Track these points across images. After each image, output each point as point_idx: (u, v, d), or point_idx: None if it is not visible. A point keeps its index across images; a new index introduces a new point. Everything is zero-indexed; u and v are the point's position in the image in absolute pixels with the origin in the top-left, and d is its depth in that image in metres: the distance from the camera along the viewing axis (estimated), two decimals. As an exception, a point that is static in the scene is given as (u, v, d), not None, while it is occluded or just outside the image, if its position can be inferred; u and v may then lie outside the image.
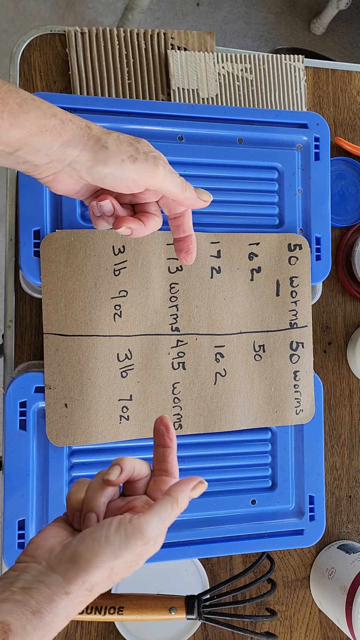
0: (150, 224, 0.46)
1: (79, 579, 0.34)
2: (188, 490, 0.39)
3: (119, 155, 0.42)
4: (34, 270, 0.57)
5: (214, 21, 1.65)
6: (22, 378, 0.57)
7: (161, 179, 0.43)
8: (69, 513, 0.40)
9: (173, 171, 0.45)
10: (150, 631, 0.62)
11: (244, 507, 0.61)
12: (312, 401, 0.63)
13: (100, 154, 0.41)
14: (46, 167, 0.42)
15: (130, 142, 0.43)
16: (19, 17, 1.48)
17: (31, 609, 0.32)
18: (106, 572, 0.35)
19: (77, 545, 0.35)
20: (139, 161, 0.42)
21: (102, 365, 0.57)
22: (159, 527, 0.37)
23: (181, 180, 0.45)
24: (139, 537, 0.35)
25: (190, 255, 0.50)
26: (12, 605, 0.32)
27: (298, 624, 0.69)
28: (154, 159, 0.43)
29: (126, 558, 0.35)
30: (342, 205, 0.72)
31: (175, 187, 0.45)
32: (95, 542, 0.35)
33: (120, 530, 0.35)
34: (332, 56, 1.71)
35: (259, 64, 0.68)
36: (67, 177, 0.43)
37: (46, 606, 0.33)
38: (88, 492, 0.40)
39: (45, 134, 0.40)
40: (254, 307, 0.62)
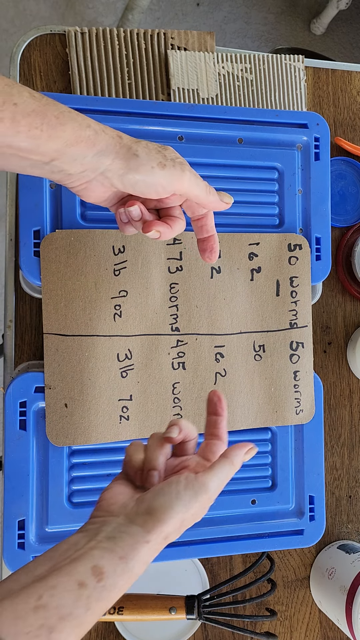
0: (175, 227, 0.48)
1: (156, 529, 0.38)
2: (242, 453, 0.44)
3: (149, 163, 0.44)
4: (34, 270, 0.57)
5: (214, 21, 1.65)
6: (22, 378, 0.57)
7: (187, 184, 0.46)
8: (130, 472, 0.44)
9: (197, 176, 0.47)
10: (150, 631, 0.62)
11: (244, 507, 0.61)
12: (312, 401, 0.63)
13: (132, 162, 0.43)
14: (79, 175, 0.43)
15: (158, 149, 0.45)
16: (19, 17, 1.48)
17: (118, 555, 0.36)
18: (178, 523, 0.39)
19: (151, 500, 0.40)
20: (168, 167, 0.44)
21: (102, 365, 0.57)
22: (219, 484, 0.42)
23: (205, 184, 0.48)
24: (204, 492, 0.41)
25: (214, 254, 0.52)
26: (102, 552, 0.36)
27: (298, 624, 0.69)
28: (180, 165, 0.45)
29: (194, 510, 0.40)
30: (342, 205, 0.72)
31: (200, 191, 0.47)
32: (168, 497, 0.40)
33: (189, 486, 0.40)
34: (332, 56, 1.71)
35: (259, 64, 0.68)
36: (98, 185, 0.45)
37: (130, 553, 0.37)
38: (148, 453, 0.44)
39: (81, 144, 0.42)
40: (254, 307, 0.62)
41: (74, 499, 0.58)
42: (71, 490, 0.58)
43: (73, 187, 0.45)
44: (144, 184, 0.44)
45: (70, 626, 0.33)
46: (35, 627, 0.31)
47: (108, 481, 0.58)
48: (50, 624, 0.32)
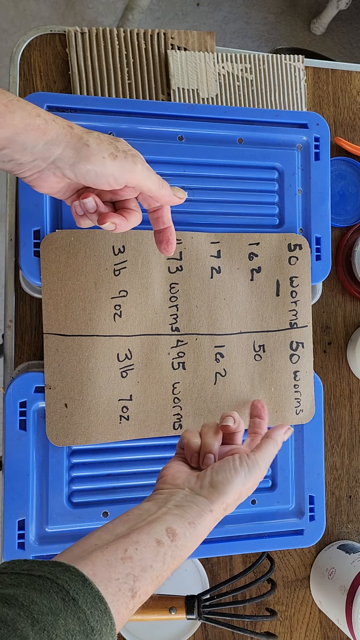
0: (131, 219, 0.49)
1: (219, 500, 0.44)
2: (282, 433, 0.51)
3: (100, 153, 0.44)
4: (34, 270, 0.57)
5: (214, 21, 1.65)
6: (22, 378, 0.57)
7: (139, 176, 0.46)
8: (187, 454, 0.49)
9: (150, 169, 0.48)
10: (150, 631, 0.62)
11: (244, 507, 0.61)
12: (312, 401, 0.63)
13: (83, 151, 0.44)
14: (30, 165, 0.44)
15: (110, 141, 0.45)
16: (19, 17, 1.48)
17: (187, 520, 0.41)
18: (236, 495, 0.45)
19: (213, 476, 0.45)
20: (119, 158, 0.45)
21: (102, 365, 0.57)
22: (268, 460, 0.48)
23: (158, 177, 0.48)
24: (257, 467, 0.47)
25: (171, 246, 0.52)
26: (174, 517, 0.41)
27: (298, 624, 0.69)
28: (132, 157, 0.46)
29: (249, 484, 0.46)
30: (342, 205, 0.72)
31: (152, 184, 0.47)
32: (227, 473, 0.45)
33: (244, 464, 0.46)
34: (332, 56, 1.71)
35: (259, 64, 0.68)
36: (50, 175, 0.45)
37: (197, 519, 0.42)
38: (205, 438, 0.50)
39: (31, 133, 0.42)
40: (254, 307, 0.62)
41: (74, 499, 0.58)
42: (71, 490, 0.58)
43: (25, 177, 0.45)
44: (95, 174, 0.44)
45: (150, 577, 0.38)
46: (123, 575, 0.37)
47: (108, 481, 0.58)
48: (135, 573, 0.37)
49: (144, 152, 0.59)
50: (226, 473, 0.45)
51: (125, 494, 0.59)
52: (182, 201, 0.51)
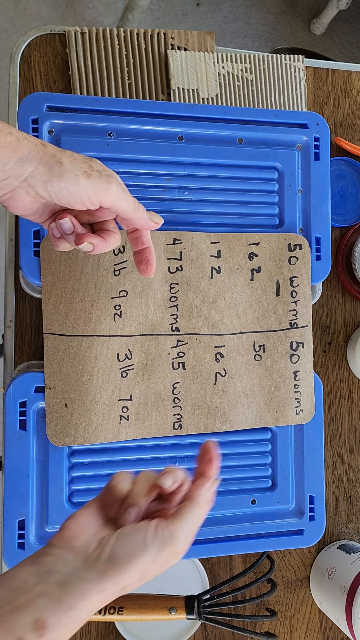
0: (110, 240, 0.48)
1: (115, 579, 0.35)
2: (205, 491, 0.41)
3: (74, 171, 0.43)
4: (34, 270, 0.57)
5: (214, 21, 1.65)
6: (22, 378, 0.57)
7: (114, 196, 0.45)
8: (109, 500, 0.41)
9: (126, 191, 0.47)
10: (150, 631, 0.62)
11: (244, 507, 0.61)
12: (312, 401, 0.63)
13: (56, 169, 0.43)
14: (2, 184, 0.43)
15: (84, 160, 0.45)
16: (19, 17, 1.48)
17: (66, 605, 0.34)
18: (139, 575, 0.37)
19: (115, 547, 0.37)
20: (93, 177, 0.44)
21: (102, 365, 0.57)
22: (188, 532, 0.39)
23: (134, 200, 0.48)
24: (173, 544, 0.38)
25: (150, 266, 0.51)
26: (49, 601, 0.33)
27: (298, 624, 0.69)
28: (107, 176, 0.45)
29: (160, 562, 0.37)
30: (342, 205, 0.72)
31: (127, 205, 0.47)
32: (134, 546, 0.37)
33: (157, 536, 0.37)
34: (332, 56, 1.71)
35: (259, 64, 0.68)
36: (24, 195, 0.44)
37: (80, 602, 0.34)
38: (135, 488, 0.41)
39: (2, 150, 0.41)
40: (254, 307, 0.62)
41: (74, 499, 0.58)
42: (71, 490, 0.58)
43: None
44: (69, 193, 0.44)
45: None
46: None
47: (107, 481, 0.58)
48: None
49: (144, 152, 0.59)
50: (132, 546, 0.37)
51: (125, 494, 0.59)
52: (158, 226, 0.50)
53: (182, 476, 0.42)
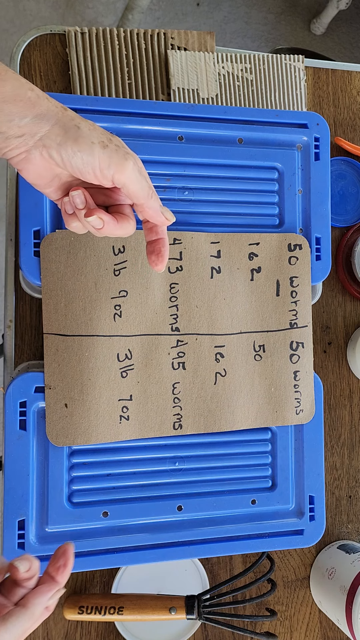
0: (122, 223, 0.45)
1: None
2: (45, 601, 0.38)
3: (90, 138, 0.41)
4: (34, 270, 0.57)
5: (214, 21, 1.65)
6: (22, 378, 0.57)
7: (128, 174, 0.43)
8: None
9: (144, 174, 0.44)
10: (150, 631, 0.62)
11: (244, 507, 0.61)
12: (312, 401, 0.63)
13: (72, 132, 0.41)
14: (18, 142, 0.41)
15: (104, 132, 0.43)
16: (19, 17, 1.48)
17: None
18: None
19: None
20: (109, 149, 0.42)
21: (102, 365, 0.57)
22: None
23: (149, 186, 0.45)
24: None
25: (161, 258, 0.49)
26: None
27: (298, 624, 0.69)
28: (125, 153, 0.43)
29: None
30: (342, 205, 0.72)
31: (141, 189, 0.44)
32: None
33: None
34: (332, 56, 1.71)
35: (259, 64, 0.68)
36: (38, 157, 0.42)
37: None
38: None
39: (20, 103, 0.40)
40: (254, 307, 0.62)
41: (74, 499, 0.58)
42: (71, 490, 0.58)
43: (12, 157, 0.42)
44: (81, 161, 0.41)
45: None
46: None
47: (108, 481, 0.58)
48: None
49: (144, 152, 0.59)
50: None
51: (125, 494, 0.59)
52: (168, 223, 0.48)
53: (36, 568, 0.39)
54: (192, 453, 0.61)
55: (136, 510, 0.59)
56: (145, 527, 0.59)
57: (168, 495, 0.60)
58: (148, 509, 0.59)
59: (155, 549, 0.59)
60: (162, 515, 0.59)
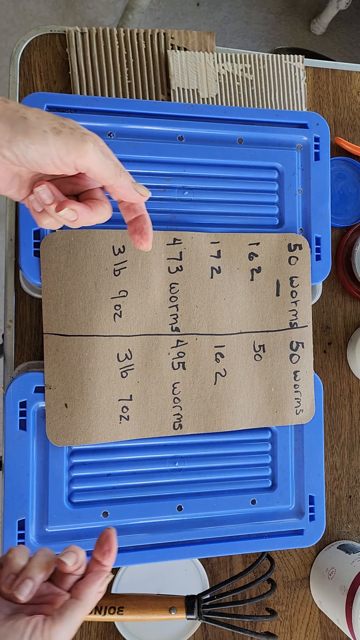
0: (97, 209, 0.43)
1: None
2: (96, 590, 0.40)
3: (41, 127, 0.38)
4: (34, 270, 0.57)
5: (214, 21, 1.65)
6: (22, 378, 0.57)
7: (90, 157, 0.40)
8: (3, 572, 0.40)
9: (108, 153, 0.41)
10: (150, 631, 0.62)
11: (244, 507, 0.61)
12: (312, 401, 0.63)
13: (19, 125, 0.38)
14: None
15: (54, 117, 0.40)
16: (19, 17, 1.48)
17: None
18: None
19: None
20: (64, 134, 0.39)
21: (102, 365, 0.57)
22: (68, 634, 0.37)
23: (115, 164, 0.42)
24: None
25: (146, 236, 0.46)
26: None
27: (298, 624, 0.69)
28: (82, 134, 0.40)
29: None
30: (342, 205, 0.72)
31: (106, 169, 0.41)
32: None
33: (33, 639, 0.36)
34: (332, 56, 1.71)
35: (259, 64, 0.68)
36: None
37: None
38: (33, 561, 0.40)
39: None
40: (254, 307, 0.62)
41: (74, 499, 0.58)
42: (71, 490, 0.58)
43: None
44: (37, 153, 0.38)
45: None
46: None
47: (108, 481, 0.58)
48: None
49: (144, 152, 0.59)
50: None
51: (125, 494, 0.59)
52: (144, 199, 0.45)
53: (83, 559, 0.40)
54: (192, 453, 0.61)
55: (136, 510, 0.59)
56: (145, 527, 0.59)
57: (168, 495, 0.60)
58: (148, 509, 0.59)
59: (155, 549, 0.59)
60: (162, 515, 0.59)
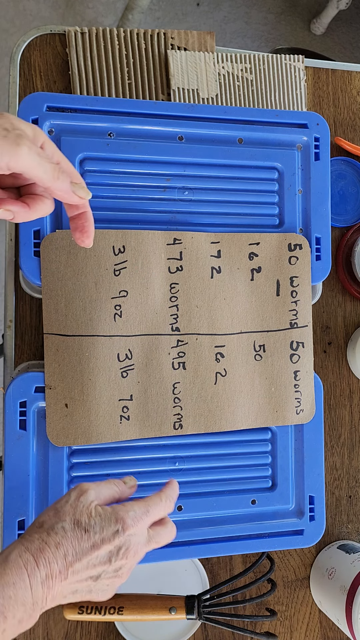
0: (37, 207, 0.42)
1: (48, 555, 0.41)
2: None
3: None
4: (34, 270, 0.57)
5: (214, 21, 1.65)
6: (22, 378, 0.57)
7: (24, 161, 0.38)
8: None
9: (45, 153, 0.41)
10: (150, 631, 0.62)
11: (244, 507, 0.61)
12: (312, 401, 0.63)
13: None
14: None
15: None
16: (19, 17, 1.48)
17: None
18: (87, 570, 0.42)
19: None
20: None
21: (103, 365, 0.57)
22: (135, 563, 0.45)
23: (52, 166, 0.41)
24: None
25: (86, 234, 0.45)
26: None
27: (298, 624, 0.69)
28: (16, 137, 0.38)
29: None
30: (342, 205, 0.72)
31: (43, 172, 0.40)
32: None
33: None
34: (332, 56, 1.71)
35: (259, 64, 0.68)
36: None
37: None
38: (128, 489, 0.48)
39: None
40: (254, 307, 0.62)
41: (74, 499, 0.58)
42: (71, 490, 0.58)
43: None
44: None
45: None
46: None
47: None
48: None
49: (144, 152, 0.59)
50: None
51: (126, 494, 0.59)
52: (83, 201, 0.43)
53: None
54: (192, 453, 0.61)
55: (136, 510, 0.59)
56: (146, 527, 0.59)
57: (168, 495, 0.60)
58: (148, 509, 0.59)
59: (155, 549, 0.59)
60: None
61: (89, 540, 0.41)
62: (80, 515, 0.42)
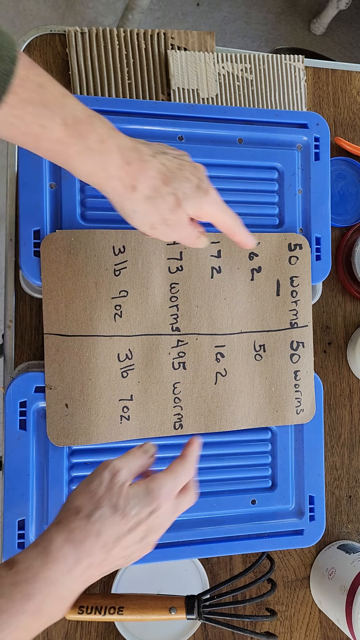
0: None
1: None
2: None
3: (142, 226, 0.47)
4: (34, 270, 0.57)
5: (214, 21, 1.65)
6: (22, 378, 0.57)
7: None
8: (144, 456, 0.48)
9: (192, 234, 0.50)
10: (150, 631, 0.62)
11: (244, 507, 0.61)
12: (312, 401, 0.63)
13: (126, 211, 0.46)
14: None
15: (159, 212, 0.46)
16: (19, 17, 1.48)
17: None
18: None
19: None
20: (157, 231, 0.47)
21: (103, 365, 0.57)
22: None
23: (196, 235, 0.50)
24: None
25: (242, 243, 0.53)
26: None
27: (298, 624, 0.69)
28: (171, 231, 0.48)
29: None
30: (342, 205, 0.72)
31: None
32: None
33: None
34: (332, 56, 1.71)
35: (259, 64, 0.68)
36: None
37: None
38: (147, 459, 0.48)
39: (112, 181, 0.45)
40: (254, 306, 0.62)
41: (74, 499, 0.58)
42: (71, 490, 0.58)
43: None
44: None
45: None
46: None
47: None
48: None
49: (144, 152, 0.59)
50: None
51: (126, 494, 0.59)
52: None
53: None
54: (192, 453, 0.61)
55: (136, 510, 0.58)
56: (146, 527, 0.59)
57: (168, 495, 0.60)
58: (148, 509, 0.59)
59: (155, 549, 0.59)
60: (162, 515, 0.59)
61: (127, 524, 0.42)
62: (117, 499, 0.42)
